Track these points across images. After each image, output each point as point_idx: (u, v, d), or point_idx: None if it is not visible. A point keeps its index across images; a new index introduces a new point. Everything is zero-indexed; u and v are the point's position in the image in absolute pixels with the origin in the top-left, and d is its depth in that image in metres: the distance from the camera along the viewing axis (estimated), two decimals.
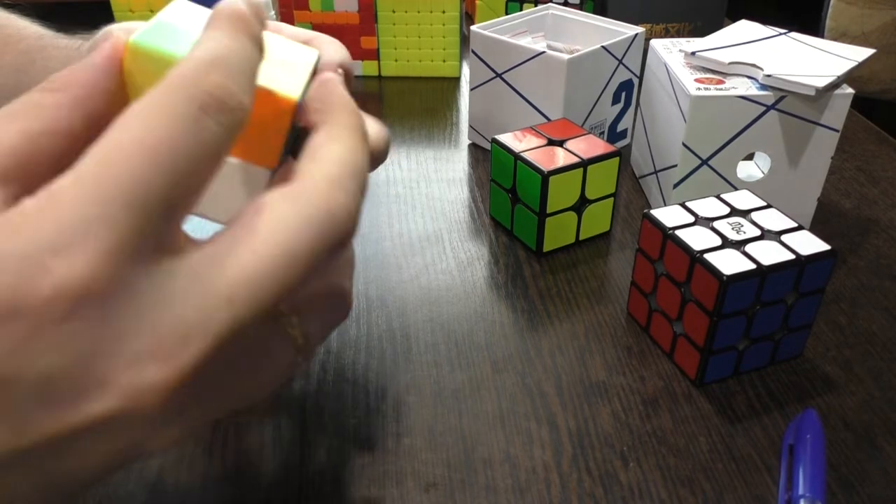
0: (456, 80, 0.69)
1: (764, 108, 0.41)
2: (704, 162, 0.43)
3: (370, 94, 0.66)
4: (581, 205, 0.43)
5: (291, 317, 0.22)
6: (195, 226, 0.23)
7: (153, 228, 0.17)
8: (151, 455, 0.19)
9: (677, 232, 0.34)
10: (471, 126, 0.56)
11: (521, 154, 0.42)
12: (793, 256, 0.32)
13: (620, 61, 0.52)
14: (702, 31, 0.72)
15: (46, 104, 0.19)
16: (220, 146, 0.19)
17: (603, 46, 0.49)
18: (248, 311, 0.18)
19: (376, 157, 0.30)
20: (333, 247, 0.20)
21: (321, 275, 0.23)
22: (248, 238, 0.19)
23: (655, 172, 0.47)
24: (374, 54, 0.68)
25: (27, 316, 0.16)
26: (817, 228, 0.45)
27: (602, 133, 0.54)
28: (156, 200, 0.17)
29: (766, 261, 0.32)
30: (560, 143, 0.43)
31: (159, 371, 0.17)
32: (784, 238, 0.33)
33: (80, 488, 0.19)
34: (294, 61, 0.25)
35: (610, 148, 0.42)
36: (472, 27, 0.52)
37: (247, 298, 0.18)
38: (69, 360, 0.16)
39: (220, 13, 0.21)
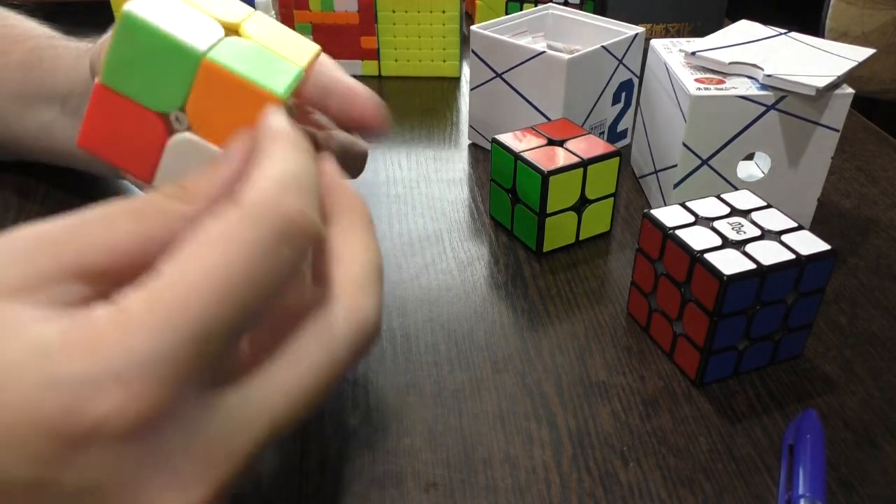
0: (456, 80, 0.68)
1: (764, 108, 0.41)
2: (704, 162, 0.43)
3: None
4: (581, 205, 0.43)
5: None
6: None
7: (215, 359, 0.18)
8: None
9: (677, 232, 0.34)
10: (471, 126, 0.56)
11: (521, 154, 0.42)
12: (793, 256, 0.32)
13: (620, 61, 0.52)
14: (702, 31, 0.72)
15: (171, 211, 0.19)
16: (293, 272, 0.19)
17: (603, 46, 0.49)
18: (285, 426, 0.19)
19: (356, 162, 0.31)
20: (366, 348, 0.21)
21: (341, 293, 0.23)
22: (291, 358, 0.19)
23: (655, 172, 0.47)
24: (374, 54, 0.68)
25: (78, 434, 0.16)
26: (817, 228, 0.44)
27: (602, 133, 0.54)
28: (223, 334, 0.17)
29: (766, 261, 0.32)
30: (560, 143, 0.43)
31: (198, 492, 0.18)
32: (784, 238, 0.33)
33: None
34: (289, 54, 0.25)
35: (610, 148, 0.42)
36: (472, 27, 0.52)
37: (286, 417, 0.19)
38: (111, 479, 0.17)
39: (274, 130, 0.21)
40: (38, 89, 0.40)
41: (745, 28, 0.48)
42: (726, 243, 0.33)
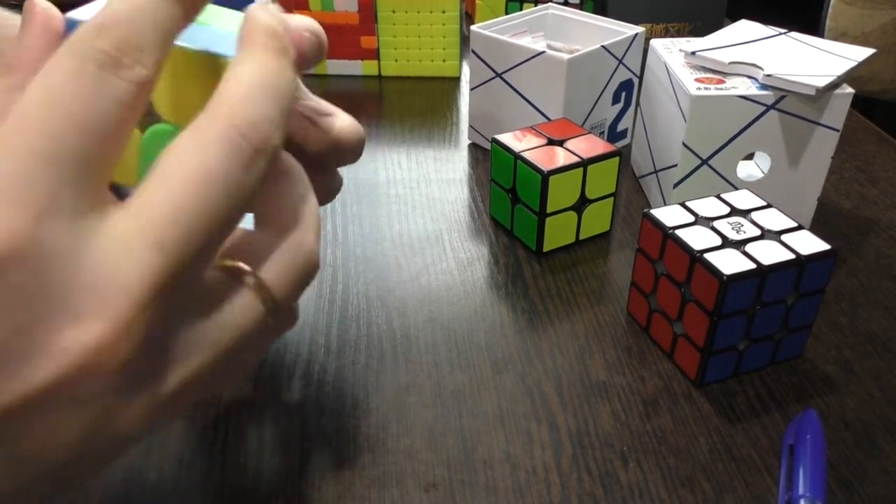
0: (456, 80, 0.69)
1: (764, 108, 0.41)
2: (704, 162, 0.43)
3: (370, 94, 0.66)
4: (581, 204, 0.43)
5: (248, 273, 0.21)
6: None
7: (71, 184, 0.17)
8: (132, 437, 0.19)
9: (677, 232, 0.34)
10: (471, 126, 0.56)
11: (521, 154, 0.42)
12: (793, 256, 0.32)
13: (620, 61, 0.52)
14: (702, 30, 0.72)
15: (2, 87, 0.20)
16: (129, 101, 0.18)
17: (603, 46, 0.49)
18: (181, 250, 0.18)
19: (347, 149, 0.29)
20: (251, 163, 0.19)
21: (272, 221, 0.22)
22: (162, 180, 0.18)
23: (655, 172, 0.47)
24: (374, 54, 0.68)
25: None
26: (817, 228, 0.44)
27: (602, 133, 0.54)
28: (69, 154, 0.17)
29: (767, 261, 0.32)
30: (560, 143, 0.43)
31: (102, 326, 0.17)
32: (784, 238, 0.33)
33: (66, 474, 0.18)
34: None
35: (610, 148, 0.42)
36: (472, 27, 0.52)
37: (176, 237, 0.18)
38: (2, 327, 0.16)
39: (256, 27, 0.21)
40: None
41: (745, 28, 0.48)
42: (726, 243, 0.33)
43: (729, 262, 0.31)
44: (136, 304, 0.17)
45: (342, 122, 0.28)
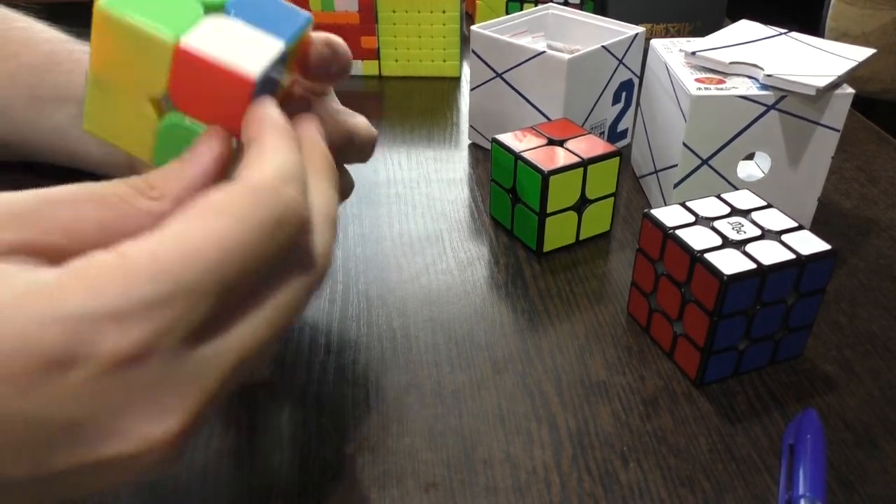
0: (456, 80, 0.69)
1: (764, 108, 0.41)
2: (705, 162, 0.43)
3: (370, 93, 0.66)
4: (581, 205, 0.43)
5: None
6: None
7: (201, 316, 0.19)
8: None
9: (677, 232, 0.34)
10: (471, 126, 0.56)
11: (522, 154, 0.42)
12: (793, 256, 0.32)
13: (621, 61, 0.52)
14: (702, 31, 0.72)
15: (139, 208, 0.21)
16: (284, 255, 0.21)
17: (603, 46, 0.49)
18: (249, 360, 0.21)
19: (361, 143, 0.31)
20: (278, 225, 0.21)
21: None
22: (252, 318, 0.21)
23: (656, 172, 0.47)
24: (374, 54, 0.68)
25: (76, 367, 0.17)
26: (817, 228, 0.44)
27: (602, 133, 0.54)
28: (214, 296, 0.19)
29: (767, 261, 0.32)
30: (560, 143, 0.43)
31: (176, 419, 0.19)
32: (784, 238, 0.33)
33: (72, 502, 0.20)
34: (275, 28, 0.25)
35: (610, 148, 0.42)
36: (473, 27, 0.52)
37: (250, 354, 0.20)
38: (100, 411, 0.18)
39: (270, 121, 0.22)
40: (52, 91, 0.40)
41: (745, 28, 0.48)
42: (726, 243, 0.33)
43: (729, 262, 0.31)
44: (208, 399, 0.20)
45: (357, 118, 0.31)
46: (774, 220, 0.35)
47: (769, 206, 0.36)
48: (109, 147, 0.26)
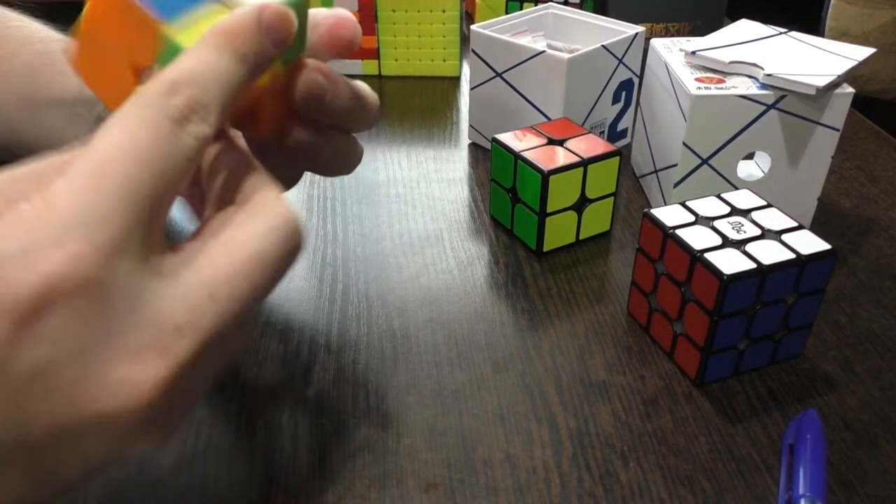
0: (456, 80, 0.68)
1: (764, 108, 0.41)
2: (705, 161, 0.43)
3: None
4: (581, 204, 0.43)
5: None
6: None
7: (141, 227, 0.18)
8: (134, 455, 0.20)
9: (677, 231, 0.34)
10: (471, 125, 0.56)
11: (522, 153, 0.42)
12: (793, 256, 0.32)
13: (621, 61, 0.52)
14: (702, 30, 0.72)
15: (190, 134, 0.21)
16: (192, 156, 0.20)
17: (603, 46, 0.49)
18: (230, 310, 0.19)
19: (368, 107, 0.31)
20: (295, 249, 0.22)
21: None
22: (226, 250, 0.20)
23: (656, 172, 0.47)
24: (374, 54, 0.68)
25: (15, 308, 0.16)
26: (817, 228, 0.44)
27: (602, 132, 0.54)
28: (144, 200, 0.18)
29: (767, 260, 0.32)
30: (560, 143, 0.43)
31: (158, 365, 0.18)
32: (784, 237, 0.33)
33: (67, 489, 0.19)
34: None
35: (610, 147, 0.42)
36: (473, 26, 0.52)
37: (229, 299, 0.19)
38: (63, 353, 0.17)
39: (215, 30, 0.22)
40: (47, 92, 0.40)
41: (745, 27, 0.48)
42: (726, 243, 0.33)
43: (729, 262, 0.31)
44: (187, 349, 0.18)
45: (362, 84, 0.31)
46: (774, 219, 0.35)
47: (769, 205, 0.36)
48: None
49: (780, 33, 0.47)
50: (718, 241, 0.33)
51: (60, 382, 0.17)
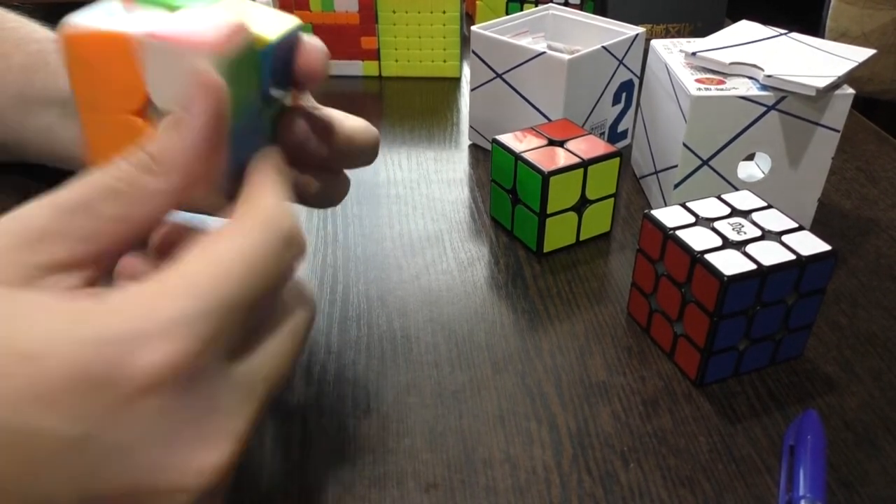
0: (456, 81, 0.69)
1: (764, 109, 0.41)
2: (705, 162, 0.43)
3: (370, 94, 0.66)
4: (581, 205, 0.43)
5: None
6: None
7: (235, 331, 0.20)
8: None
9: (678, 232, 0.34)
10: (471, 126, 0.56)
11: (522, 154, 0.42)
12: (793, 257, 0.32)
13: (621, 62, 0.52)
14: (702, 31, 0.72)
15: (150, 190, 0.21)
16: (291, 272, 0.22)
17: (603, 47, 0.49)
18: (277, 389, 0.23)
19: (362, 146, 0.31)
20: (289, 250, 0.22)
21: None
22: (277, 342, 0.23)
23: (656, 173, 0.47)
24: (375, 54, 0.68)
25: (121, 385, 0.17)
26: (818, 229, 0.45)
27: (602, 133, 0.54)
28: (244, 309, 0.20)
29: (767, 261, 0.32)
30: (560, 144, 0.43)
31: (225, 451, 0.20)
32: (785, 238, 0.33)
33: None
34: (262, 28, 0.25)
35: (610, 148, 0.42)
36: (473, 27, 0.52)
37: (277, 382, 0.22)
38: (148, 434, 0.18)
39: (267, 165, 0.24)
40: (40, 92, 0.40)
41: (745, 28, 0.48)
42: (727, 244, 0.33)
43: (729, 263, 0.31)
44: (249, 432, 0.21)
45: (354, 121, 0.31)
46: (775, 220, 0.35)
47: (769, 206, 0.36)
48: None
49: (781, 34, 0.47)
50: (719, 242, 0.33)
51: (138, 460, 0.18)
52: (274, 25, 0.25)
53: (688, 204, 0.36)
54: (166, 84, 0.23)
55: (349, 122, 0.31)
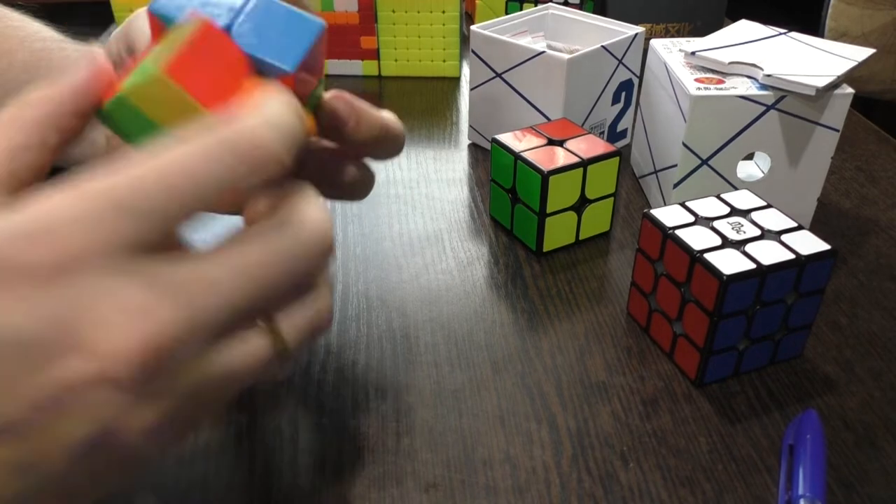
0: (456, 80, 0.69)
1: (764, 108, 0.41)
2: (704, 162, 0.43)
3: (370, 94, 0.66)
4: (581, 205, 0.43)
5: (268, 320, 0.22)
6: None
7: (146, 236, 0.18)
8: (136, 456, 0.19)
9: (677, 232, 0.34)
10: (471, 126, 0.56)
11: (521, 154, 0.42)
12: (793, 256, 0.32)
13: (620, 61, 0.52)
14: (702, 31, 0.72)
15: (25, 118, 0.22)
16: (237, 184, 0.20)
17: (603, 46, 0.49)
18: (241, 293, 0.20)
19: (394, 135, 0.32)
20: (243, 155, 0.20)
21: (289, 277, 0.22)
22: (240, 245, 0.20)
23: (655, 172, 0.47)
24: (374, 54, 0.68)
25: (8, 278, 0.17)
26: (817, 228, 0.45)
27: (602, 133, 0.54)
28: (157, 218, 0.18)
29: (766, 261, 0.32)
30: (560, 143, 0.43)
31: (133, 332, 0.18)
32: (784, 238, 0.33)
33: (68, 487, 0.19)
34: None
35: (610, 148, 0.42)
36: (472, 27, 0.52)
37: (239, 288, 0.20)
38: (46, 323, 0.17)
39: (272, 90, 0.22)
40: None
41: (744, 28, 0.48)
42: (726, 243, 0.33)
43: (729, 262, 0.31)
44: (176, 316, 0.18)
45: (388, 113, 0.31)
46: (774, 220, 0.35)
47: (769, 206, 0.36)
48: (88, 147, 0.26)
49: (780, 34, 0.47)
50: (718, 241, 0.33)
51: (45, 352, 0.17)
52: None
53: (687, 203, 0.36)
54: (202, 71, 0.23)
55: (385, 112, 0.31)
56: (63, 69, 0.40)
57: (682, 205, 0.36)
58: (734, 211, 0.36)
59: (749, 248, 0.33)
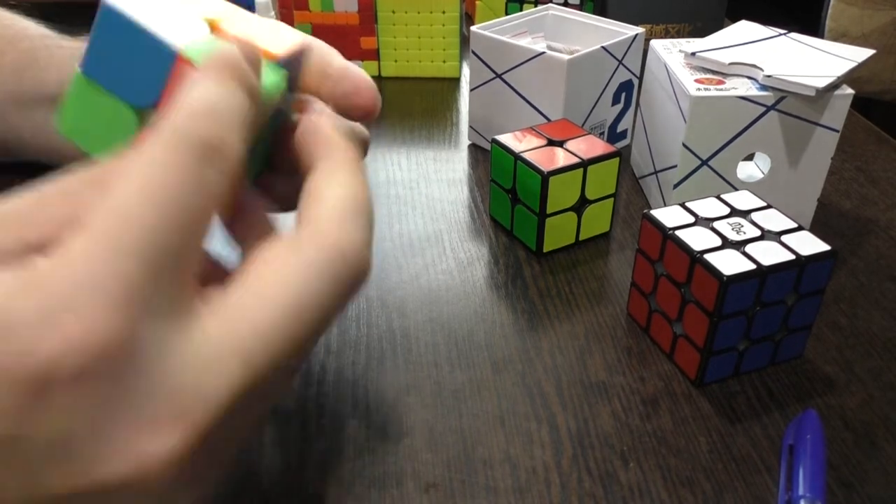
0: (456, 81, 0.69)
1: (764, 109, 0.41)
2: (704, 162, 0.43)
3: None
4: (581, 205, 0.43)
5: None
6: None
7: (168, 284, 0.17)
8: None
9: (677, 232, 0.34)
10: (471, 126, 0.56)
11: (521, 154, 0.42)
12: (793, 257, 0.32)
13: (620, 62, 0.52)
14: (702, 31, 0.72)
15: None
16: (220, 192, 0.19)
17: (603, 47, 0.49)
18: (263, 367, 0.18)
19: (363, 89, 0.30)
20: (351, 286, 0.20)
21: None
22: (258, 293, 0.18)
23: (655, 173, 0.47)
24: (374, 54, 0.68)
25: (37, 376, 0.15)
26: (817, 229, 0.45)
27: (602, 133, 0.54)
28: (165, 252, 0.17)
29: (767, 261, 0.32)
30: (560, 144, 0.43)
31: (173, 436, 0.17)
32: (784, 238, 0.33)
33: None
34: (272, 48, 0.25)
35: (610, 148, 0.42)
36: (472, 27, 0.52)
37: (262, 355, 0.18)
38: (81, 423, 0.16)
39: (212, 61, 0.20)
40: (32, 90, 0.40)
41: (744, 28, 0.48)
42: (726, 244, 0.33)
43: (729, 263, 0.31)
44: (213, 416, 0.17)
45: (354, 67, 0.30)
46: (774, 220, 0.35)
47: (769, 206, 0.36)
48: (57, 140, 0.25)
49: (780, 34, 0.47)
50: (718, 242, 0.33)
51: (78, 452, 0.16)
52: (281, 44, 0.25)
53: (687, 204, 0.36)
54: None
55: (352, 66, 0.30)
56: (48, 68, 0.40)
57: (682, 205, 0.36)
58: (734, 211, 0.36)
59: (749, 248, 0.33)
